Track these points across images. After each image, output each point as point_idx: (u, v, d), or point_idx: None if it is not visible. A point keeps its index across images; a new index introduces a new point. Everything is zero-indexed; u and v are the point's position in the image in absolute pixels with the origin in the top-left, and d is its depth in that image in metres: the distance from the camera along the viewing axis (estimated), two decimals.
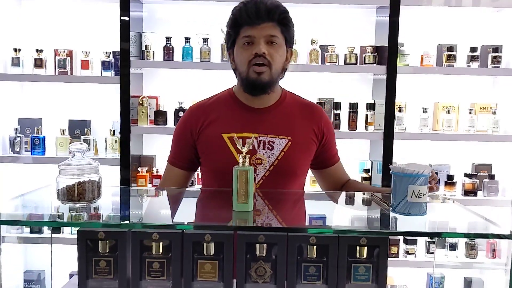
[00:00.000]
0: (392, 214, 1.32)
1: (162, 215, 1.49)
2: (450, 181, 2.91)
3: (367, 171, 2.91)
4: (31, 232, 2.93)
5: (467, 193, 2.91)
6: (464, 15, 3.03)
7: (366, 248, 1.19)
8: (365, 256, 1.20)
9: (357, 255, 1.19)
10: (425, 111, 2.93)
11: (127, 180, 2.82)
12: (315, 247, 1.18)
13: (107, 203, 1.45)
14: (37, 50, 2.92)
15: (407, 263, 2.90)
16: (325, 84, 3.05)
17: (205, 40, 2.87)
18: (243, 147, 1.31)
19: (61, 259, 1.60)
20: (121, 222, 1.31)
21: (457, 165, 3.02)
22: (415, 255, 2.93)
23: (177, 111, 2.85)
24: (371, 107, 2.85)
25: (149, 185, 2.88)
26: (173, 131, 1.77)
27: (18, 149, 2.90)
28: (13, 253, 2.97)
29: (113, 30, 2.82)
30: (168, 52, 2.88)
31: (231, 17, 1.63)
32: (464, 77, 3.03)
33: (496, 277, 2.97)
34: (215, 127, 1.66)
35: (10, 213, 1.34)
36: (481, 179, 2.95)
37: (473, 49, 2.90)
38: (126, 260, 1.20)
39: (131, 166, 2.84)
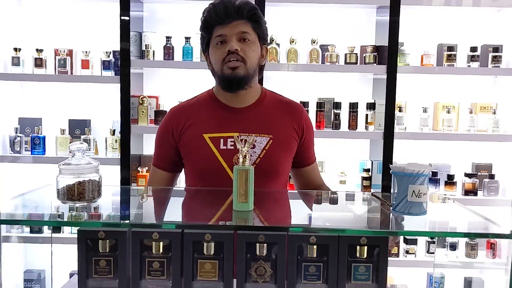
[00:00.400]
0: (392, 213, 1.32)
1: (162, 214, 1.49)
2: (450, 181, 2.91)
3: (367, 170, 2.91)
4: (31, 231, 2.92)
5: (467, 193, 2.91)
6: (464, 15, 3.03)
7: (366, 247, 1.19)
8: (365, 256, 1.20)
9: (357, 254, 1.19)
10: (425, 110, 2.93)
11: (127, 179, 2.82)
12: (315, 246, 1.18)
13: (107, 203, 1.45)
14: (37, 50, 2.92)
15: (407, 263, 2.90)
16: (325, 83, 3.05)
17: None
18: (243, 146, 1.30)
19: (61, 258, 1.59)
20: (121, 222, 1.31)
21: (457, 164, 3.02)
22: (415, 255, 2.93)
23: None
24: (371, 106, 2.85)
25: None
26: None
27: (18, 149, 2.90)
28: (13, 252, 2.97)
29: (113, 29, 2.82)
30: (168, 51, 2.88)
31: (202, 19, 1.64)
32: (464, 76, 3.03)
33: (496, 277, 2.97)
34: (196, 128, 1.67)
35: (10, 212, 1.34)
36: (481, 179, 2.95)
37: (473, 49, 2.90)
38: (126, 260, 1.20)
39: (131, 165, 2.85)
